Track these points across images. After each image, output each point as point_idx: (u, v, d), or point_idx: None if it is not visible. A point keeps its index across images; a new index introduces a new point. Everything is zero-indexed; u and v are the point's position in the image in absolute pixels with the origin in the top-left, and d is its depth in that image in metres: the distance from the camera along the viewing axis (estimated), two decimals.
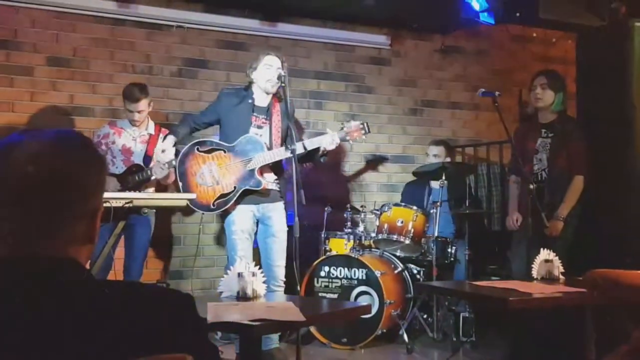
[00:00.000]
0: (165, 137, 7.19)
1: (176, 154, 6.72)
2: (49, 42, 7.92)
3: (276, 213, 6.52)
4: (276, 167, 6.54)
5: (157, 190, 7.22)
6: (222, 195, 6.40)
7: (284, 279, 6.44)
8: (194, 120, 6.65)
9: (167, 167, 6.95)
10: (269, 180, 6.48)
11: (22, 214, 1.74)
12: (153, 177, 7.01)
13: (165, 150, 7.23)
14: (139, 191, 6.81)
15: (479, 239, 8.08)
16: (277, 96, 6.60)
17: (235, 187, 6.39)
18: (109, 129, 7.21)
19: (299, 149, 6.18)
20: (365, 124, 6.51)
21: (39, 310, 1.66)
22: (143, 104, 7.10)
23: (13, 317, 1.64)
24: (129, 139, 7.17)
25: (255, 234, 6.57)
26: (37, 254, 1.74)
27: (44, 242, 1.76)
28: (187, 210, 7.31)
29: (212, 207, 6.43)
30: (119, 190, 6.67)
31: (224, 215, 6.51)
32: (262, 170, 6.41)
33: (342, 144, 6.77)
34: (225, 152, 6.41)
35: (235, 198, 6.38)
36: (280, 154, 6.34)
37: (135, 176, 6.93)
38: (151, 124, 7.33)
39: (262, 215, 6.50)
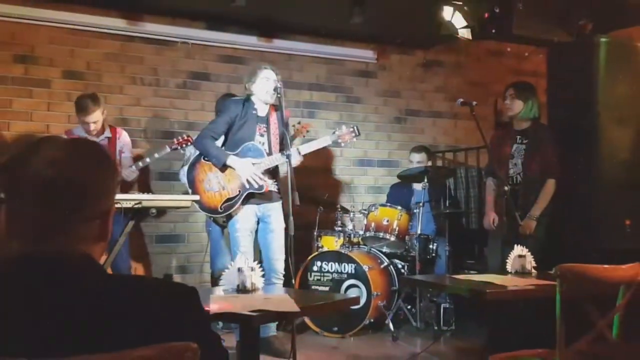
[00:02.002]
0: (119, 137, 7.19)
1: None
2: (64, 56, 7.92)
3: (275, 212, 6.51)
4: (274, 171, 6.53)
5: (122, 191, 7.09)
6: (228, 200, 6.39)
7: (284, 272, 6.43)
8: (213, 136, 6.53)
9: (135, 169, 6.92)
10: (269, 183, 6.47)
11: (40, 214, 1.75)
12: (126, 180, 6.97)
13: (123, 149, 7.19)
14: None
15: (458, 237, 8.10)
16: (274, 105, 6.59)
17: (239, 192, 6.38)
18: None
19: (295, 155, 6.18)
20: (355, 127, 6.50)
21: (56, 303, 1.66)
22: (96, 115, 6.94)
23: (32, 309, 1.65)
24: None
25: (256, 231, 6.57)
26: (55, 251, 1.75)
27: (61, 240, 1.77)
28: (191, 212, 7.29)
29: (219, 210, 6.42)
30: None
31: (230, 216, 6.49)
32: (263, 173, 6.40)
33: (333, 150, 6.79)
34: None
35: (240, 201, 6.38)
36: (278, 159, 6.34)
37: None
38: (107, 128, 7.23)
39: (262, 214, 6.49)
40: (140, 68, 8.31)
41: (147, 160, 7.06)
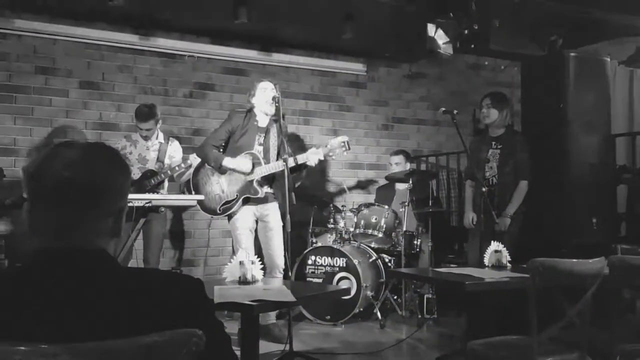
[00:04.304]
0: (171, 144, 7.20)
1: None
2: (81, 68, 7.91)
3: (272, 211, 6.51)
4: (269, 176, 6.50)
5: (169, 191, 7.19)
6: (227, 202, 6.41)
7: (284, 266, 6.42)
8: (213, 144, 6.55)
9: (184, 166, 6.91)
10: (265, 188, 6.47)
11: (60, 212, 1.76)
12: (175, 175, 6.98)
13: (174, 155, 7.21)
14: (156, 192, 6.78)
15: (440, 233, 8.09)
16: (274, 118, 6.58)
17: (237, 195, 6.40)
18: (125, 142, 7.10)
19: (291, 162, 6.17)
20: (346, 142, 6.45)
21: (73, 293, 1.67)
22: (150, 124, 6.96)
23: (52, 298, 1.66)
24: (144, 148, 7.08)
25: (256, 230, 6.57)
26: (72, 246, 1.76)
27: (78, 235, 1.78)
28: (197, 210, 7.29)
29: (218, 212, 6.45)
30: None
31: (229, 215, 6.50)
32: (260, 179, 6.40)
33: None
34: None
35: (237, 204, 6.39)
36: (276, 166, 6.33)
37: (152, 180, 6.89)
38: (160, 134, 7.21)
39: (260, 214, 6.49)
40: (150, 79, 8.31)
41: (189, 162, 6.99)
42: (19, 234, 6.68)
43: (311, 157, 6.34)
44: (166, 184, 7.09)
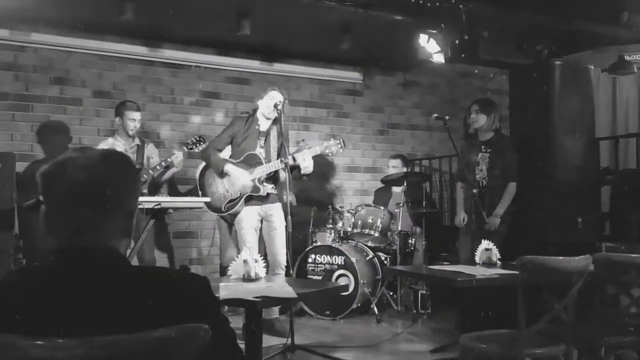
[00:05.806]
0: (147, 146, 7.19)
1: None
2: (94, 78, 7.91)
3: (276, 212, 6.51)
4: (273, 177, 6.53)
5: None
6: (231, 201, 6.42)
7: (286, 264, 6.42)
8: (217, 148, 6.59)
9: (164, 164, 6.88)
10: (268, 187, 6.48)
11: (74, 213, 1.77)
12: (156, 175, 6.97)
13: (151, 156, 7.19)
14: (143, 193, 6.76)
15: (433, 232, 8.09)
16: (274, 121, 6.60)
17: (240, 194, 6.41)
18: (103, 146, 6.93)
19: (290, 160, 6.20)
20: (341, 140, 6.54)
21: (87, 290, 1.68)
22: (140, 115, 7.07)
23: (67, 295, 1.67)
24: (122, 151, 7.06)
25: (260, 229, 6.57)
26: (86, 245, 1.77)
27: (91, 235, 1.79)
28: (204, 211, 7.28)
29: (223, 210, 6.46)
30: None
31: (234, 215, 6.51)
32: (262, 179, 6.42)
33: (326, 159, 6.80)
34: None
35: (240, 202, 6.40)
36: (275, 165, 6.36)
37: None
38: (137, 138, 7.18)
39: (265, 213, 6.50)
40: (159, 88, 8.31)
41: (169, 159, 6.95)
42: (37, 235, 6.68)
43: (307, 153, 6.37)
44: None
